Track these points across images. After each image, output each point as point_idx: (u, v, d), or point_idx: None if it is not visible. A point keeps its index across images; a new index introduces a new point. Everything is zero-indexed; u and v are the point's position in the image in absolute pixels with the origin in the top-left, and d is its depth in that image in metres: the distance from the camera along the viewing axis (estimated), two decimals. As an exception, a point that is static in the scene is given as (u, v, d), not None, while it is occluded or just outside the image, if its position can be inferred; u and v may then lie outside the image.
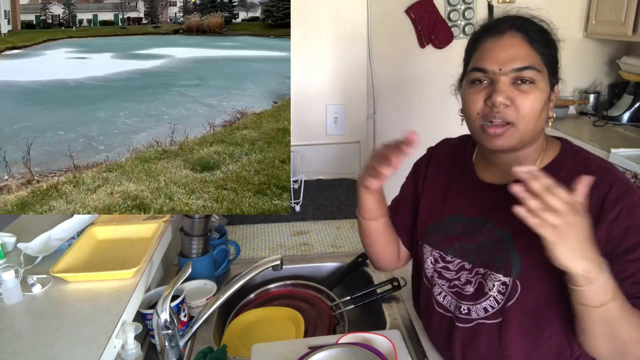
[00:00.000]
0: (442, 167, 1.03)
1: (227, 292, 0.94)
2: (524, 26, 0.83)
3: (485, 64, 0.82)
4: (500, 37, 0.82)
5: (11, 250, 1.09)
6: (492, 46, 0.83)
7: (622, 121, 2.63)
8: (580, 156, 0.87)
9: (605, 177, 0.81)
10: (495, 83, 0.81)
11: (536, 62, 0.81)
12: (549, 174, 0.85)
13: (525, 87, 0.80)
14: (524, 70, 0.80)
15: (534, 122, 0.82)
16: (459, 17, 2.70)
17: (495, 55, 0.82)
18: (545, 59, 0.83)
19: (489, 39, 0.84)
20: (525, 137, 0.83)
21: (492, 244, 0.88)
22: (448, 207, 0.98)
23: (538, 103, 0.81)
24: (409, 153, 0.86)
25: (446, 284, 0.95)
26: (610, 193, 0.79)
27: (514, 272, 0.84)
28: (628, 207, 0.78)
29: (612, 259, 0.79)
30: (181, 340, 0.93)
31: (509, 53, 0.81)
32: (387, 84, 2.77)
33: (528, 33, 0.82)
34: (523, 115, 0.81)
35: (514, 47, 0.81)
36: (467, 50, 0.90)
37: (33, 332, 0.82)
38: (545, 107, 0.83)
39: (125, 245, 1.10)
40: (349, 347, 0.88)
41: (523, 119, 0.81)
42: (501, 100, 0.80)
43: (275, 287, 1.32)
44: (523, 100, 0.80)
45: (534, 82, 0.81)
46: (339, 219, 1.69)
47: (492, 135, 0.82)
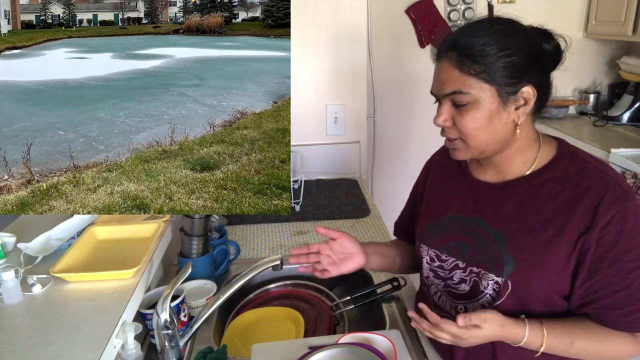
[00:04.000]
0: (440, 171, 1.05)
1: (227, 292, 0.94)
2: (454, 48, 0.81)
3: (431, 88, 0.88)
4: (438, 62, 0.86)
5: (11, 250, 1.09)
6: (435, 70, 0.87)
7: (622, 121, 2.63)
8: (576, 157, 0.87)
9: (601, 180, 0.82)
10: (439, 106, 0.87)
11: (465, 84, 0.80)
12: (545, 175, 0.86)
13: (461, 109, 0.83)
14: (453, 95, 0.83)
15: (483, 134, 0.84)
16: (459, 17, 2.70)
17: (434, 81, 0.87)
18: (487, 75, 0.79)
19: (435, 62, 0.87)
20: (482, 148, 0.86)
21: (486, 244, 0.89)
22: (444, 208, 0.99)
23: (476, 121, 0.82)
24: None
25: (441, 283, 0.97)
26: (605, 197, 0.80)
27: (506, 272, 0.85)
28: (621, 214, 0.79)
29: (599, 265, 0.80)
30: (181, 340, 0.93)
31: (440, 79, 0.85)
32: (387, 84, 2.77)
33: (462, 54, 0.80)
34: (465, 133, 0.84)
35: (444, 72, 0.83)
36: None
37: (33, 332, 0.82)
38: (492, 120, 0.82)
39: (125, 245, 1.10)
40: (349, 347, 0.88)
41: (467, 136, 0.84)
42: (440, 123, 0.86)
43: (275, 287, 1.32)
44: (461, 120, 0.83)
45: (470, 102, 0.82)
46: (339, 219, 1.69)
47: (451, 148, 0.89)
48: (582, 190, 0.82)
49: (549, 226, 0.83)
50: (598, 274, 0.80)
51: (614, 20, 2.53)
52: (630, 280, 0.79)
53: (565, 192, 0.83)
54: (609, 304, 0.80)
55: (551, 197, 0.84)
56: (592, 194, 0.80)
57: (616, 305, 0.80)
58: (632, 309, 0.79)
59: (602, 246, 0.79)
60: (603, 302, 0.81)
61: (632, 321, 0.80)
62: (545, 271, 0.83)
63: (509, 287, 0.85)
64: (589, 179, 0.82)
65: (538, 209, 0.85)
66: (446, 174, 1.03)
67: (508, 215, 0.88)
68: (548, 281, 0.83)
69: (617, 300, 0.80)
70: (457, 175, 1.00)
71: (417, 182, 1.13)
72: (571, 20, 2.75)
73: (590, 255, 0.80)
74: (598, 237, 0.79)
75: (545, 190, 0.85)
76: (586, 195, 0.81)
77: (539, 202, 0.85)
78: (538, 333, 0.82)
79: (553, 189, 0.85)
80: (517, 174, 0.89)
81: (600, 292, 0.81)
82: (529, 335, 0.81)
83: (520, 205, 0.87)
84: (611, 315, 0.81)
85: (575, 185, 0.83)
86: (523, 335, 0.81)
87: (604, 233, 0.79)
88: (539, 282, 0.83)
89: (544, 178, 0.86)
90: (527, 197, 0.87)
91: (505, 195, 0.90)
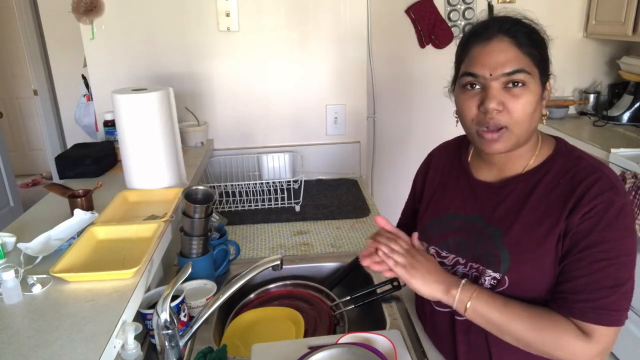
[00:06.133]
0: (440, 169, 1.05)
1: (227, 292, 0.94)
2: (511, 29, 0.83)
3: (476, 69, 0.83)
4: (488, 43, 0.83)
5: (11, 250, 1.09)
6: (481, 52, 0.84)
7: (622, 121, 2.63)
8: (572, 155, 0.88)
9: (593, 174, 0.82)
10: (487, 89, 0.83)
11: (526, 64, 0.82)
12: (542, 172, 0.87)
13: (517, 91, 0.82)
14: (515, 74, 0.81)
15: (527, 123, 0.84)
16: (459, 17, 2.70)
17: (484, 61, 0.83)
18: (535, 60, 0.83)
19: (478, 44, 0.85)
20: (521, 139, 0.85)
21: (484, 241, 0.90)
22: (445, 205, 1.00)
23: (530, 105, 0.82)
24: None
25: None
26: (594, 188, 0.80)
27: (503, 268, 0.86)
28: (604, 205, 0.79)
29: (571, 251, 0.81)
30: (181, 340, 0.93)
31: (498, 58, 0.82)
32: (387, 84, 2.77)
33: (516, 36, 0.83)
34: (516, 119, 0.82)
35: (503, 52, 0.82)
36: (457, 55, 0.92)
37: (33, 332, 0.82)
38: (537, 107, 0.85)
39: (125, 245, 1.10)
40: (349, 347, 0.88)
41: (516, 122, 0.82)
42: (493, 107, 0.81)
43: (275, 287, 1.32)
44: (515, 104, 0.81)
45: (525, 84, 0.82)
46: (339, 219, 1.69)
47: (489, 140, 0.84)
48: (575, 184, 0.83)
49: (543, 221, 0.84)
50: (567, 259, 0.81)
51: (614, 20, 2.53)
52: (594, 270, 0.79)
53: (559, 187, 0.84)
54: (567, 288, 0.81)
55: (547, 193, 0.85)
56: (583, 187, 0.81)
57: (574, 291, 0.80)
58: (587, 297, 0.79)
59: (579, 233, 0.80)
60: (563, 287, 0.81)
61: (583, 309, 0.79)
62: (541, 265, 0.83)
63: (506, 282, 0.86)
64: (582, 174, 0.83)
65: (534, 205, 0.86)
66: (447, 172, 1.03)
67: (505, 213, 0.89)
68: (544, 275, 0.83)
69: (576, 286, 0.80)
70: (457, 173, 1.00)
71: (415, 180, 1.13)
72: (571, 20, 2.75)
73: (567, 241, 0.81)
74: (577, 223, 0.80)
75: (542, 186, 0.86)
76: (578, 188, 0.82)
77: (535, 198, 0.86)
78: (470, 287, 0.85)
79: (549, 185, 0.86)
80: (515, 171, 0.90)
81: (563, 276, 0.81)
82: (462, 288, 0.85)
83: (517, 202, 0.88)
84: (567, 300, 0.80)
85: (570, 180, 0.84)
86: (459, 283, 0.86)
87: (583, 220, 0.80)
88: (536, 277, 0.84)
89: (542, 175, 0.87)
90: (524, 194, 0.88)
91: (504, 193, 0.90)
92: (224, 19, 1.90)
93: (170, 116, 1.40)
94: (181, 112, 1.93)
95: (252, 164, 2.06)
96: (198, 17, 1.90)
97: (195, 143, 1.94)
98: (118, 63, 1.93)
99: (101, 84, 1.95)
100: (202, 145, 1.95)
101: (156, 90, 1.35)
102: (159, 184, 1.40)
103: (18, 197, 3.85)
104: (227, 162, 2.05)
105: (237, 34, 1.93)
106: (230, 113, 2.04)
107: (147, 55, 1.93)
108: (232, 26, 1.91)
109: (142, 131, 1.34)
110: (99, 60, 1.93)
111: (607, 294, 0.78)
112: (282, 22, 1.94)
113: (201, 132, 1.95)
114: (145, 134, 1.35)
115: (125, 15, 1.88)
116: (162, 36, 1.91)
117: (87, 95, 2.32)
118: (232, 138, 2.07)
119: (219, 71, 1.97)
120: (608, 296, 0.78)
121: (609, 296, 0.78)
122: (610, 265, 0.78)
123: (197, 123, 1.97)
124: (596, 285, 0.78)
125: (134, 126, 1.34)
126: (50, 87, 4.36)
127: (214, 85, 1.99)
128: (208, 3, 1.89)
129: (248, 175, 2.06)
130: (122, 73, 1.94)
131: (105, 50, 1.91)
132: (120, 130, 1.35)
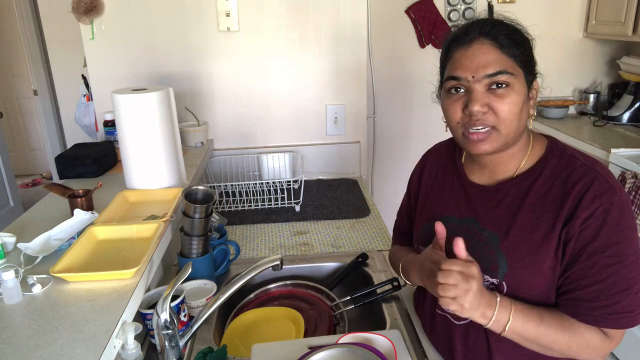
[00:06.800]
0: (434, 171, 1.05)
1: (227, 292, 0.94)
2: (491, 31, 0.83)
3: (459, 73, 0.84)
4: (469, 46, 0.84)
5: (11, 250, 1.09)
6: (462, 55, 0.84)
7: (622, 121, 2.63)
8: (565, 154, 0.87)
9: (588, 174, 0.82)
10: (471, 92, 0.83)
11: (508, 65, 0.82)
12: (535, 174, 0.87)
13: (501, 92, 0.82)
14: (497, 75, 0.81)
15: (515, 123, 0.83)
16: (459, 17, 2.70)
17: (466, 64, 0.83)
18: (518, 60, 0.83)
19: (460, 48, 0.85)
20: (509, 139, 0.85)
21: (480, 245, 0.89)
22: (440, 208, 0.99)
23: (516, 105, 0.82)
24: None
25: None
26: (590, 190, 0.80)
27: (500, 273, 0.85)
28: (604, 207, 0.79)
29: (578, 257, 0.80)
30: (181, 340, 0.93)
31: (480, 60, 0.82)
32: (387, 84, 2.77)
33: (496, 37, 0.83)
34: (502, 119, 0.82)
35: (484, 54, 0.82)
36: (441, 60, 0.92)
37: (33, 332, 0.82)
38: (524, 106, 0.84)
39: (125, 245, 1.10)
40: (349, 347, 0.88)
41: (503, 122, 0.82)
42: (477, 109, 0.82)
43: (275, 287, 1.32)
44: (500, 105, 0.82)
45: (509, 85, 0.82)
46: (339, 219, 1.69)
47: (476, 141, 0.84)
48: (569, 186, 0.82)
49: (540, 225, 0.83)
50: (575, 266, 0.81)
51: (614, 20, 2.53)
52: (605, 275, 0.79)
53: (554, 190, 0.84)
54: (581, 295, 0.81)
55: (541, 195, 0.85)
56: (579, 188, 0.81)
57: (588, 298, 0.80)
58: (602, 303, 0.79)
59: (583, 239, 0.80)
60: (576, 294, 0.81)
61: (600, 316, 0.80)
62: (538, 270, 0.83)
63: (504, 288, 0.85)
64: (576, 174, 0.83)
65: (529, 209, 0.85)
66: (442, 174, 1.03)
67: (501, 217, 0.88)
68: (542, 280, 0.83)
69: (590, 293, 0.80)
70: (452, 176, 1.00)
71: (411, 181, 1.12)
72: (571, 20, 2.75)
73: (570, 248, 0.81)
74: (579, 229, 0.80)
75: (536, 189, 0.86)
76: (573, 190, 0.81)
77: (530, 202, 0.85)
78: (506, 306, 0.81)
79: (543, 188, 0.85)
80: (507, 173, 0.90)
81: (575, 284, 0.81)
82: (499, 309, 0.80)
83: (512, 206, 0.87)
84: (581, 307, 0.81)
85: (564, 182, 0.83)
86: (495, 303, 0.80)
87: (586, 226, 0.79)
88: (534, 281, 0.83)
89: (534, 177, 0.87)
90: (518, 197, 0.87)
91: (498, 196, 0.90)
92: (224, 19, 1.90)
93: (170, 116, 1.40)
94: (181, 112, 1.93)
95: (252, 164, 2.06)
96: (198, 17, 1.90)
97: (195, 143, 1.94)
98: (118, 63, 1.93)
99: (101, 84, 1.95)
100: (202, 145, 1.95)
101: (156, 90, 1.36)
102: (159, 184, 1.40)
103: (18, 197, 3.86)
104: (227, 162, 2.05)
105: (237, 34, 1.93)
106: (230, 113, 2.04)
107: (147, 55, 1.93)
108: (232, 26, 1.91)
109: (142, 131, 1.34)
110: (99, 60, 1.93)
111: (620, 299, 0.79)
112: (282, 22, 1.94)
113: (201, 132, 1.95)
114: (145, 134, 1.35)
115: (125, 15, 1.88)
116: (162, 36, 1.91)
117: (87, 95, 2.32)
118: (232, 138, 2.08)
119: (219, 71, 1.97)
120: (622, 300, 0.79)
121: (623, 300, 0.79)
122: (620, 268, 0.79)
123: (197, 123, 1.97)
124: (610, 291, 0.79)
125: (134, 126, 1.34)
126: (50, 87, 4.37)
127: (213, 85, 1.99)
128: (208, 3, 1.89)
129: (248, 175, 2.06)
130: (122, 73, 1.94)
131: (105, 50, 1.91)
132: (120, 130, 1.35)
